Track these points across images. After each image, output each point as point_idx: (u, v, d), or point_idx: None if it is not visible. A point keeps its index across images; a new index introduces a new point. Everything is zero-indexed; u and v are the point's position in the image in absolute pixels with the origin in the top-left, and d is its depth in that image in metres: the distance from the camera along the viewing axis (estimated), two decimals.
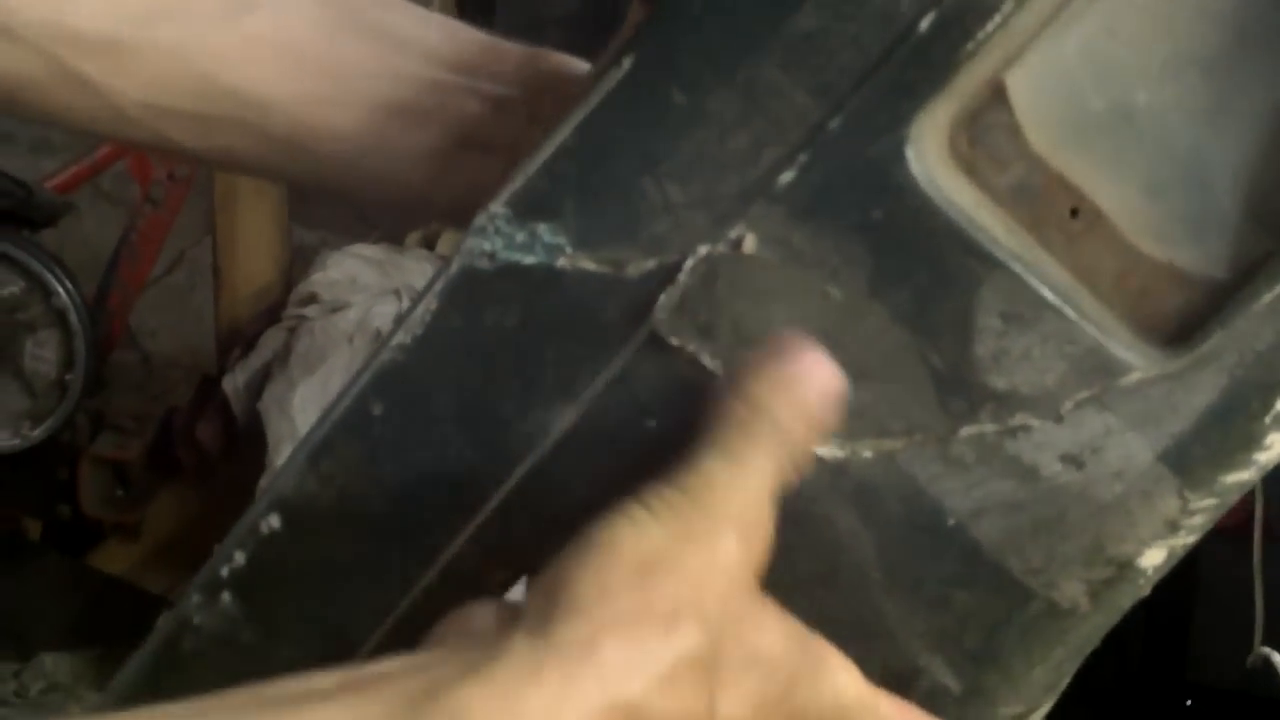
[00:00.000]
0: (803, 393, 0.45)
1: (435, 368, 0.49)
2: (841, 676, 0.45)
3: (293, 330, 2.01)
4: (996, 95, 0.47)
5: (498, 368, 0.49)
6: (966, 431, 0.47)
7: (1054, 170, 0.47)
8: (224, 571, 0.52)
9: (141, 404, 2.38)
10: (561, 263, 0.48)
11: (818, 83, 0.46)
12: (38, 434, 2.13)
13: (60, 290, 2.16)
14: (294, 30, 0.63)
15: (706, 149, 0.47)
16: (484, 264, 0.48)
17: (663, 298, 0.47)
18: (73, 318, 2.16)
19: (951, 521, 0.48)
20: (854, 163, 0.46)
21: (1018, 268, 0.46)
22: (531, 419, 0.49)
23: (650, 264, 0.47)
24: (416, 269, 1.95)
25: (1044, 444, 0.47)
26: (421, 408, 0.50)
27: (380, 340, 0.51)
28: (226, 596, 0.52)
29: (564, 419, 0.49)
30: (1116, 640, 0.50)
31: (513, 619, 0.43)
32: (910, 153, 0.46)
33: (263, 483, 1.90)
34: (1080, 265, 0.47)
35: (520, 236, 0.48)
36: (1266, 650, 0.65)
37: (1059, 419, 0.46)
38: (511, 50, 0.65)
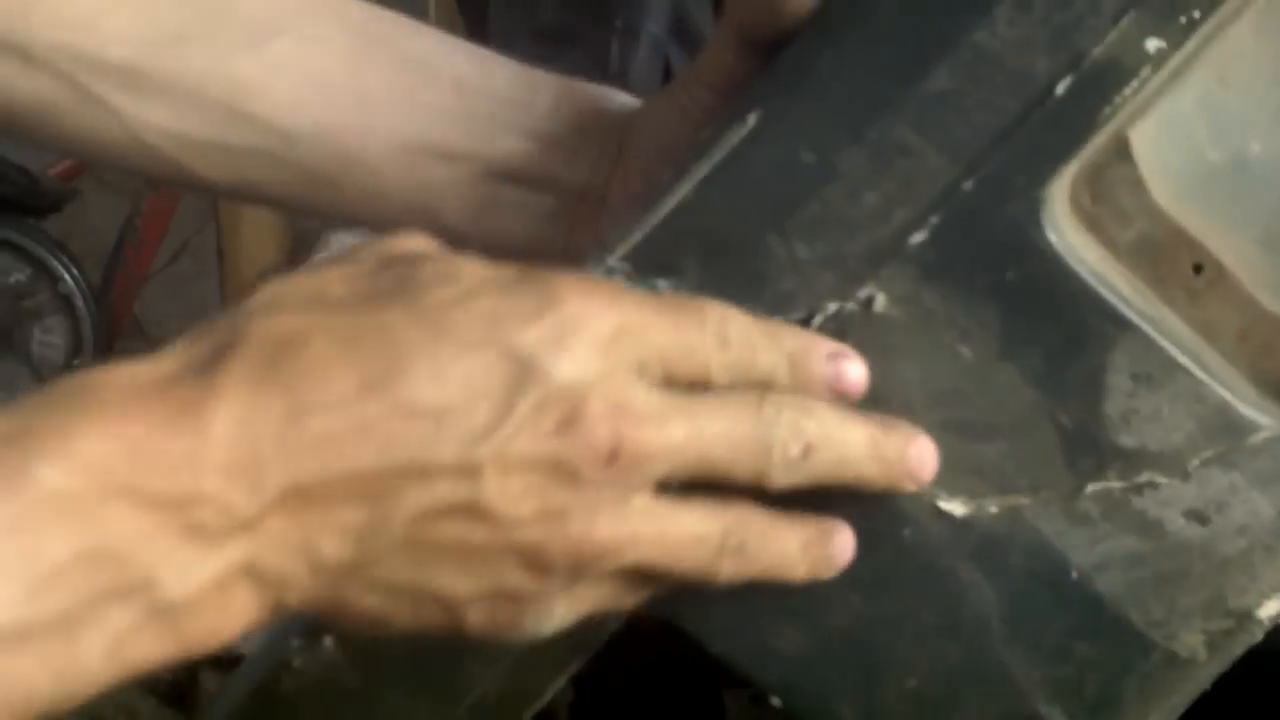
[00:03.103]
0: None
1: None
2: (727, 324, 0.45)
3: None
4: (1120, 151, 0.47)
5: None
6: (1093, 488, 0.47)
7: (1177, 225, 0.47)
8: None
9: None
10: None
11: (951, 144, 0.45)
12: None
13: (66, 276, 2.18)
14: (319, 59, 0.61)
15: (835, 208, 0.46)
16: None
17: None
18: (79, 303, 2.18)
19: (1075, 575, 0.48)
20: (988, 224, 0.46)
21: (1148, 329, 0.46)
22: None
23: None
24: None
25: (1170, 501, 0.47)
26: None
27: None
28: (328, 641, 0.52)
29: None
30: None
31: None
32: (1047, 216, 0.46)
33: None
34: (1203, 321, 0.48)
35: (639, 291, 0.47)
36: None
37: (1185, 476, 0.47)
38: (546, 80, 0.63)
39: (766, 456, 0.44)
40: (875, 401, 0.46)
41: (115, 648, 0.38)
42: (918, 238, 0.46)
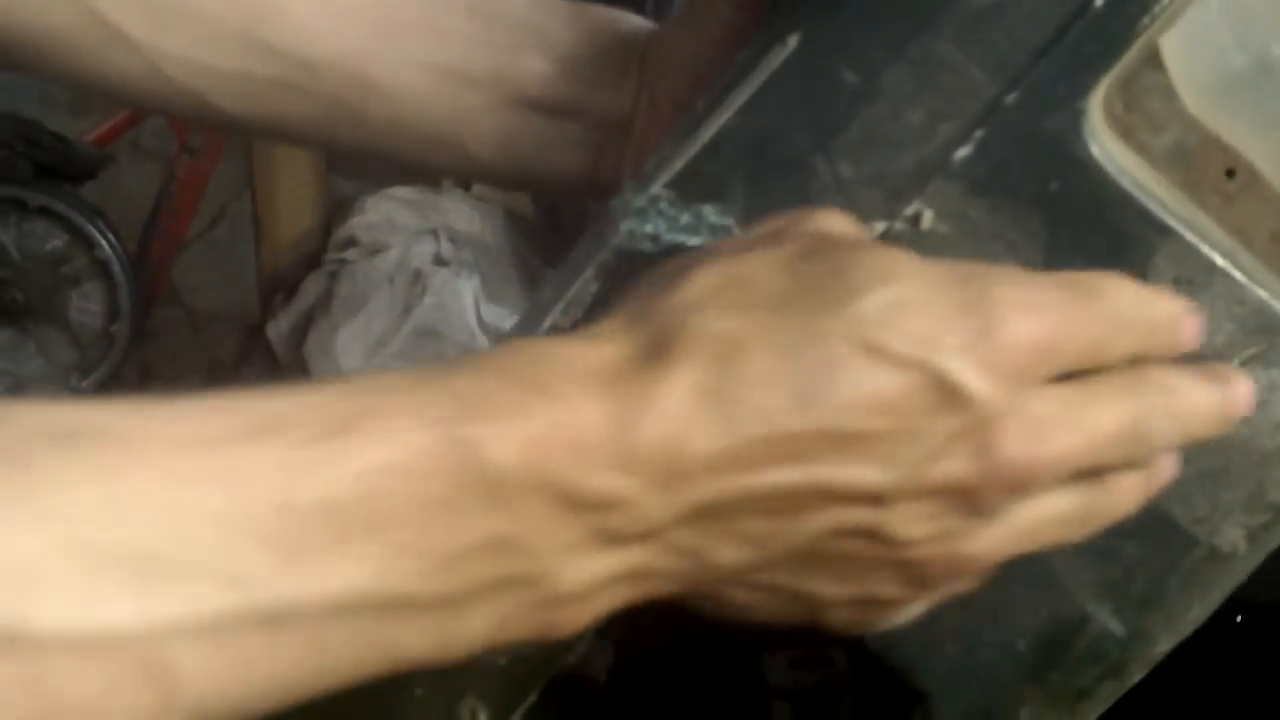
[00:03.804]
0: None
1: None
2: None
3: (333, 275, 2.02)
4: (1152, 59, 0.47)
5: None
6: None
7: (1209, 131, 0.48)
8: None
9: (187, 356, 2.40)
10: None
11: (993, 58, 0.46)
12: (86, 385, 2.16)
13: (103, 242, 2.18)
14: None
15: (879, 127, 0.47)
16: (647, 245, 0.48)
17: None
18: (116, 269, 2.18)
19: None
20: (1031, 137, 0.46)
21: (1188, 234, 0.47)
22: None
23: None
24: (454, 209, 1.96)
25: None
26: None
27: (531, 315, 0.51)
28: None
29: None
30: None
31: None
32: (1086, 126, 0.46)
33: None
34: (1236, 224, 0.48)
35: (685, 218, 0.48)
36: None
37: None
38: (560, 4, 0.62)
39: (1144, 446, 0.44)
40: None
41: (495, 626, 0.38)
42: (962, 153, 0.46)
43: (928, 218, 0.47)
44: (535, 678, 0.52)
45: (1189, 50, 0.47)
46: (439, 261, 1.90)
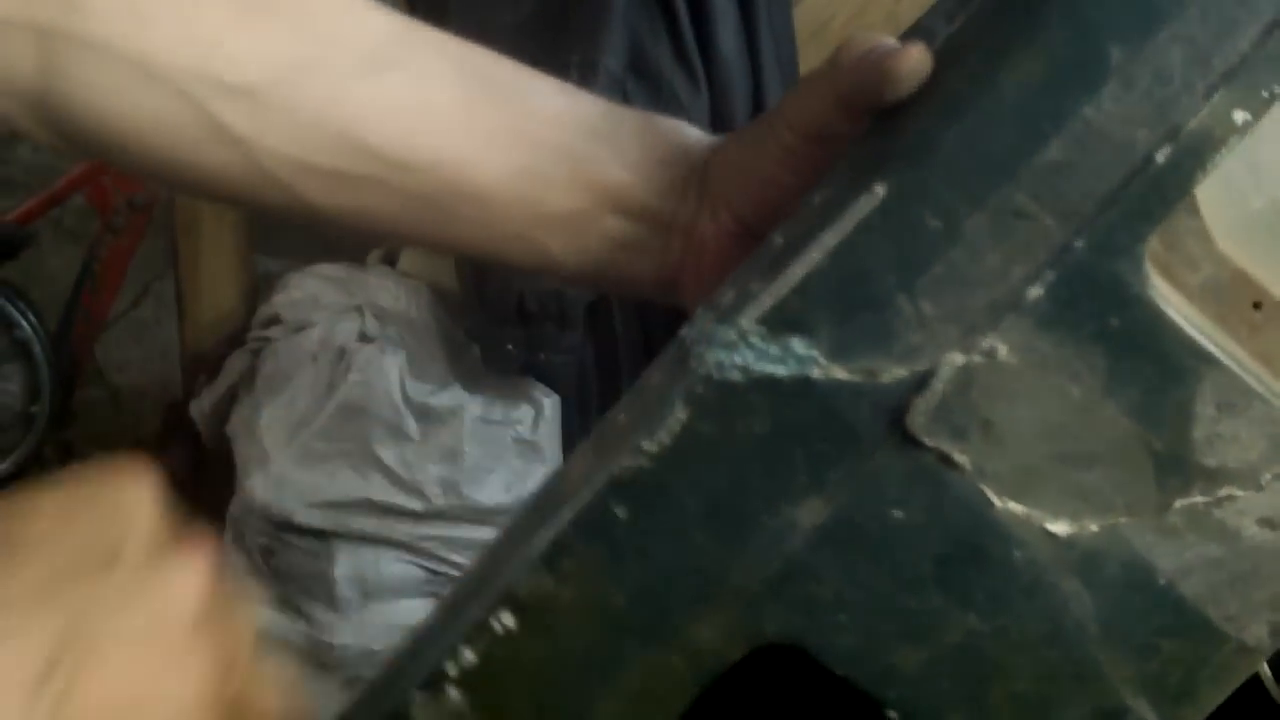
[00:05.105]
0: None
1: (685, 473, 0.53)
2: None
3: (257, 353, 2.00)
4: (1189, 204, 0.52)
5: (748, 470, 0.53)
6: (1180, 504, 0.53)
7: (1237, 267, 0.53)
8: (451, 669, 0.55)
9: (110, 435, 2.37)
10: (815, 373, 0.52)
11: (1063, 207, 0.51)
12: (4, 467, 2.13)
13: (23, 323, 2.16)
14: (433, 92, 0.63)
15: (959, 268, 0.51)
16: (736, 376, 0.53)
17: (919, 402, 0.52)
18: (36, 350, 2.16)
19: (1163, 581, 0.54)
20: (1096, 278, 0.51)
21: (1230, 363, 0.52)
22: (782, 515, 0.53)
23: (903, 372, 0.52)
24: (379, 285, 1.95)
25: (1245, 510, 0.53)
26: (669, 511, 0.54)
27: (608, 439, 0.55)
28: (454, 693, 0.55)
29: (814, 514, 0.53)
30: None
31: None
32: (1147, 270, 0.51)
33: (232, 509, 1.90)
34: (1262, 352, 0.53)
35: (773, 350, 0.52)
36: None
37: (1259, 489, 0.53)
38: (627, 113, 0.66)
39: None
40: (996, 440, 0.52)
41: None
42: (1034, 292, 0.51)
43: (1002, 351, 0.52)
44: None
45: (1217, 194, 0.52)
46: (364, 338, 1.90)
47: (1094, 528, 0.54)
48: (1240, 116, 0.50)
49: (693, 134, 0.66)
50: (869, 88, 0.56)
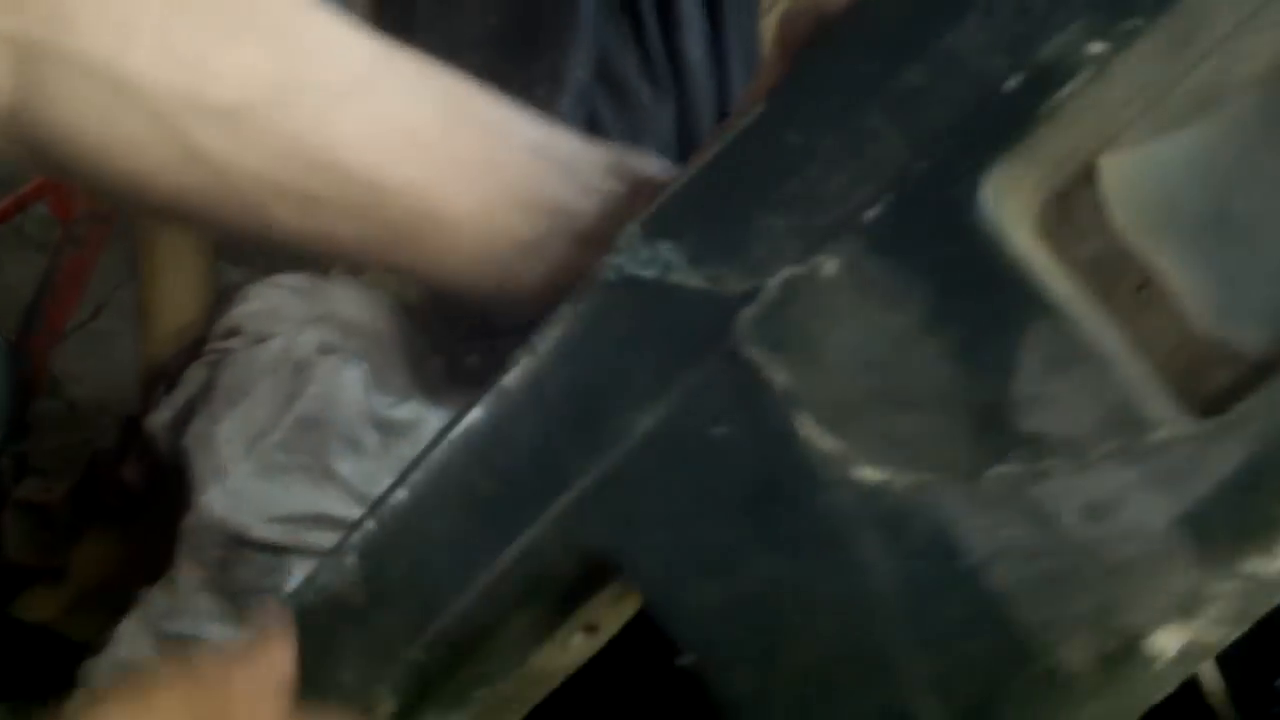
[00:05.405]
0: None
1: (556, 370, 0.55)
2: None
3: (215, 365, 1.97)
4: (1087, 175, 0.51)
5: (608, 369, 0.54)
6: (995, 471, 0.49)
7: (1130, 248, 0.51)
8: (355, 537, 0.59)
9: (67, 448, 2.34)
10: (675, 277, 0.54)
11: (914, 132, 0.51)
12: None
13: None
14: (412, 116, 0.63)
15: (810, 185, 0.52)
16: (610, 275, 0.55)
17: (745, 311, 0.52)
18: None
19: (969, 561, 0.49)
20: (931, 204, 0.50)
21: (1067, 313, 0.49)
22: (624, 418, 0.53)
23: (745, 284, 0.52)
24: (342, 296, 1.92)
25: (1066, 492, 0.48)
26: (538, 406, 0.55)
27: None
28: (351, 559, 0.59)
29: (646, 421, 0.53)
30: None
31: None
32: (983, 198, 0.50)
33: (187, 523, 1.87)
34: (1139, 335, 0.50)
35: (645, 253, 0.54)
36: None
37: (1084, 469, 0.48)
38: (600, 149, 0.67)
39: None
40: (812, 362, 0.51)
41: None
42: (871, 213, 0.51)
43: (829, 267, 0.51)
44: (451, 679, 0.58)
45: (1134, 177, 0.50)
46: (325, 350, 1.87)
47: (903, 482, 0.50)
48: (1097, 47, 0.48)
49: (660, 165, 0.67)
50: (803, 24, 0.56)
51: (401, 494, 0.58)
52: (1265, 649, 0.48)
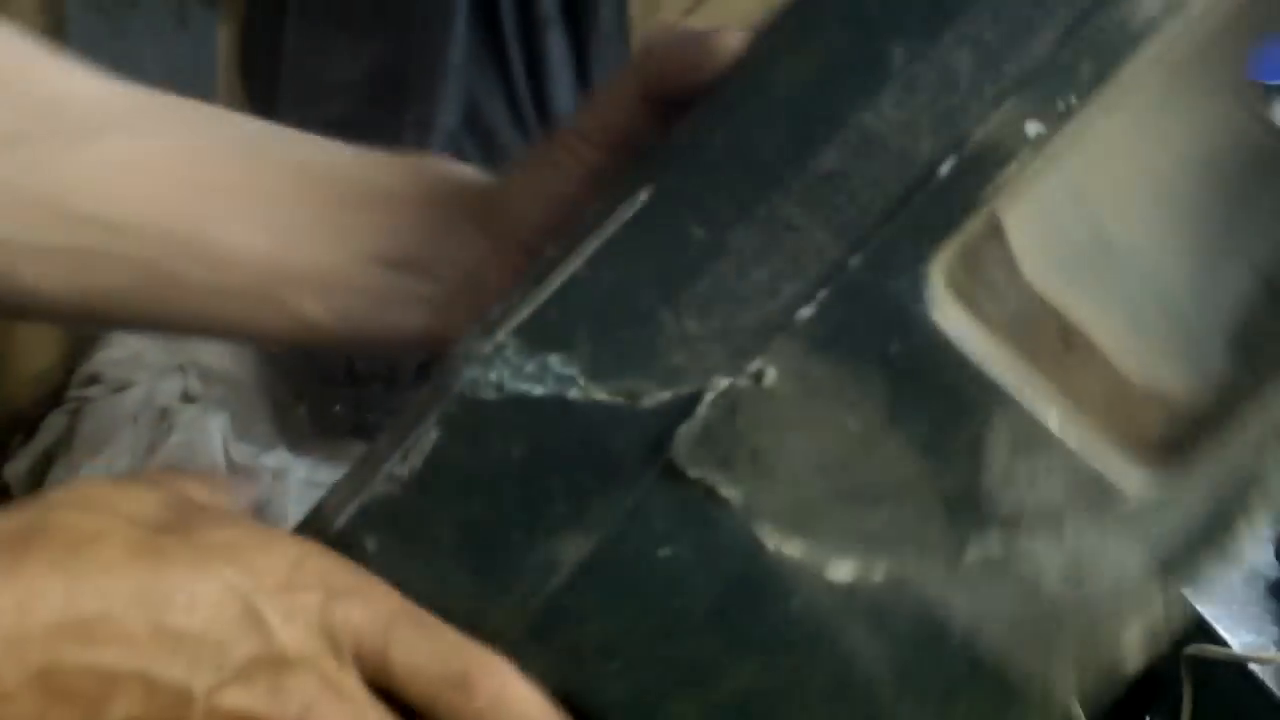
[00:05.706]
0: None
1: (438, 502, 0.49)
2: None
3: (75, 412, 1.94)
4: (994, 231, 0.49)
5: (505, 499, 0.49)
6: (974, 552, 0.49)
7: (1046, 301, 0.49)
8: None
9: None
10: (574, 394, 0.48)
11: (837, 221, 0.47)
12: None
13: None
14: (153, 150, 0.58)
15: (725, 283, 0.47)
16: (489, 394, 0.48)
17: (682, 429, 0.48)
18: None
19: (957, 634, 0.49)
20: (873, 300, 0.47)
21: (1022, 400, 0.48)
22: (542, 551, 0.49)
23: (666, 395, 0.48)
24: (203, 344, 1.90)
25: (1045, 564, 0.48)
26: (422, 544, 0.49)
27: (365, 465, 0.51)
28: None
29: (577, 550, 0.49)
30: None
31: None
32: (926, 291, 0.47)
33: None
34: (1072, 390, 0.49)
35: (529, 367, 0.48)
36: None
37: (1060, 540, 0.48)
38: (388, 158, 0.62)
39: None
40: (767, 474, 0.48)
41: None
42: (805, 312, 0.47)
43: (770, 375, 0.48)
44: None
45: (1032, 223, 0.49)
46: (187, 398, 1.85)
47: (879, 574, 0.49)
48: (1033, 128, 0.46)
49: (467, 171, 0.62)
50: (674, 74, 0.51)
51: None
52: (1131, 691, 0.50)
